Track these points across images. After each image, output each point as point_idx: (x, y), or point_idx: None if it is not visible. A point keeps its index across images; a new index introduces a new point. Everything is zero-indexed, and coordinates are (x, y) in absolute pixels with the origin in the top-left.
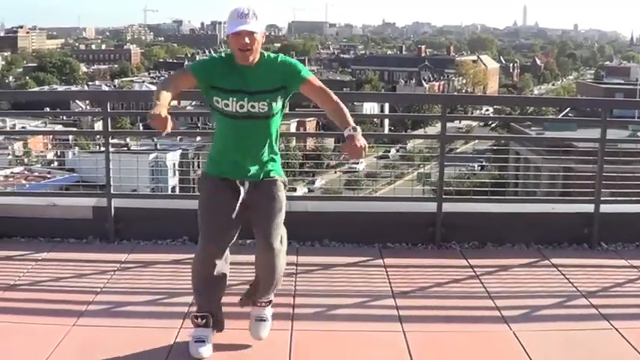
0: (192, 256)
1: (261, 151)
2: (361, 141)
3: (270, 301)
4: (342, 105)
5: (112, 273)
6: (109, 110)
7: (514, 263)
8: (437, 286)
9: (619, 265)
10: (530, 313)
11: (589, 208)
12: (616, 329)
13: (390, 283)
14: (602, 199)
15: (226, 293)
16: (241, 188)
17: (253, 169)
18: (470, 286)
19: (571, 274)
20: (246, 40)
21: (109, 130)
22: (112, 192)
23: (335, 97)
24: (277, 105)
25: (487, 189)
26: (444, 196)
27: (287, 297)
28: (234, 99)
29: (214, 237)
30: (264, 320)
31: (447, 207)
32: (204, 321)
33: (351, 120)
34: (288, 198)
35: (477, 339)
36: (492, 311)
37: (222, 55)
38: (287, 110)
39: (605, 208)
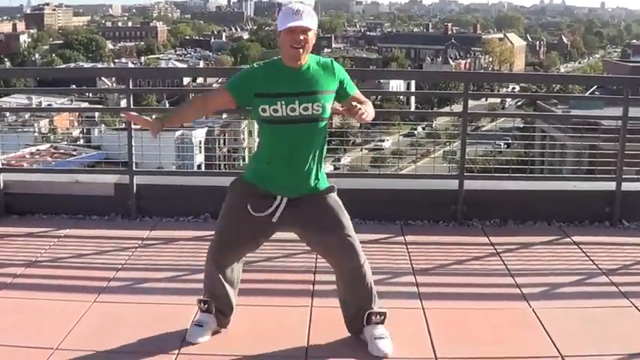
0: (213, 232)
1: (312, 163)
2: (363, 108)
3: (384, 317)
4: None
5: (134, 250)
6: (131, 87)
7: (535, 241)
8: (457, 264)
9: None
10: (550, 290)
11: (611, 186)
12: (636, 307)
13: (410, 260)
14: (623, 177)
15: (247, 270)
16: (278, 206)
17: (298, 185)
18: (490, 264)
19: (592, 251)
20: (301, 36)
21: (132, 107)
22: (134, 169)
23: (368, 102)
24: (329, 107)
25: (511, 167)
26: (465, 174)
27: (307, 274)
28: (284, 102)
29: (227, 251)
30: (384, 338)
31: (469, 184)
32: (205, 306)
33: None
34: None
35: (496, 316)
36: (512, 288)
37: (261, 63)
38: None
39: (627, 186)
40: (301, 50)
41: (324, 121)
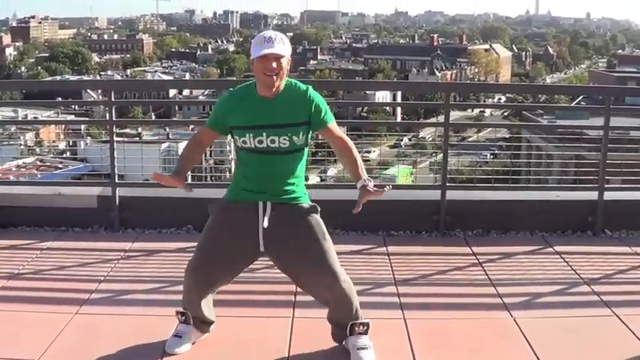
0: (196, 244)
1: (286, 185)
2: (374, 194)
3: (367, 327)
4: (358, 156)
5: (116, 261)
6: (113, 99)
7: (517, 251)
8: (439, 274)
9: (622, 252)
10: (532, 300)
11: (593, 195)
12: (617, 316)
13: (392, 270)
14: (606, 186)
15: (240, 281)
16: (262, 220)
17: (276, 196)
18: (472, 274)
19: (574, 261)
20: (273, 64)
21: (114, 119)
22: (116, 181)
23: (353, 149)
24: (300, 140)
25: (493, 177)
26: (448, 184)
27: (289, 285)
28: (251, 135)
29: (207, 269)
30: (366, 348)
31: (452, 195)
32: (183, 317)
33: (363, 172)
34: None
35: (477, 326)
36: (494, 298)
37: (236, 91)
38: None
39: (609, 195)
40: (275, 77)
41: (295, 152)
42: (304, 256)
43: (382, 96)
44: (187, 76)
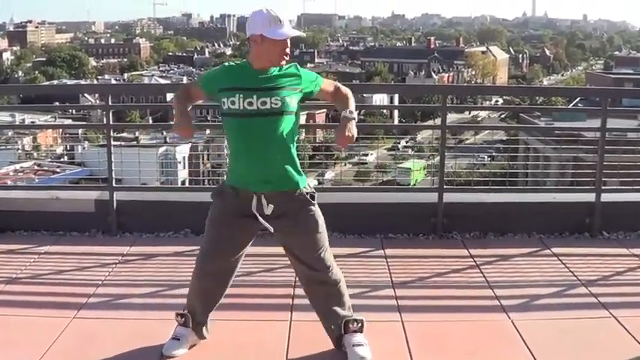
0: (194, 248)
1: (277, 154)
2: (352, 130)
3: (361, 325)
4: (351, 95)
5: (114, 265)
6: (110, 103)
7: (515, 253)
8: (437, 276)
9: (620, 253)
10: (530, 302)
11: (590, 197)
12: (615, 318)
13: (390, 273)
14: (603, 188)
15: (238, 284)
16: (261, 205)
17: (270, 176)
18: (470, 276)
19: (571, 263)
20: (287, 49)
21: (111, 123)
22: (113, 185)
23: (348, 93)
24: (292, 102)
25: (493, 179)
26: (445, 187)
27: (287, 288)
28: (241, 95)
29: (215, 258)
30: (362, 345)
31: (449, 197)
32: (183, 319)
33: (352, 105)
34: None
35: (475, 328)
36: (491, 300)
37: (232, 63)
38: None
39: (606, 197)
40: (287, 57)
41: (286, 115)
42: (301, 247)
43: (379, 99)
44: (185, 80)
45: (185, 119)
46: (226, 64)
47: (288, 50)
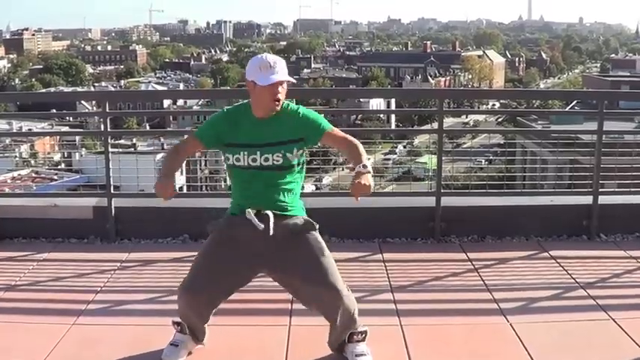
0: (192, 254)
1: (280, 200)
2: (367, 180)
3: (365, 335)
4: (360, 145)
5: (112, 272)
6: (107, 110)
7: (513, 256)
8: (435, 280)
9: (617, 256)
10: (528, 304)
11: (587, 199)
12: (613, 320)
13: (388, 277)
14: (600, 190)
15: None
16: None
17: (270, 207)
18: (468, 280)
19: (569, 265)
20: (279, 89)
21: (108, 130)
22: (112, 192)
23: (358, 144)
24: (293, 157)
25: (491, 182)
26: (443, 191)
27: (286, 293)
28: (246, 153)
29: (208, 289)
30: (365, 355)
31: (447, 201)
32: (179, 327)
33: (364, 158)
34: None
35: (474, 331)
36: (490, 304)
37: (231, 110)
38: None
39: (603, 199)
40: (278, 103)
41: (289, 168)
42: (305, 273)
43: (376, 104)
44: (181, 87)
45: (168, 181)
46: (225, 110)
47: (280, 95)
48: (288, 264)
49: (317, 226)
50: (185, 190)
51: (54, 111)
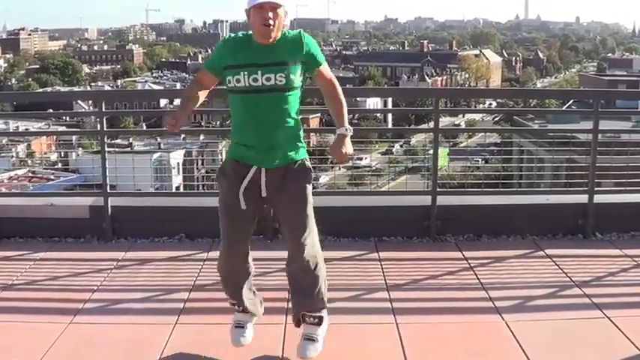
0: (189, 253)
1: (281, 130)
2: (347, 148)
3: (320, 319)
4: (344, 104)
5: (109, 271)
6: (103, 110)
7: (509, 255)
8: (431, 279)
9: (613, 254)
10: (523, 303)
11: (583, 198)
12: (608, 318)
13: (384, 276)
14: (595, 189)
15: (221, 289)
16: (261, 181)
17: (273, 154)
18: (463, 278)
19: (565, 264)
20: (269, 14)
21: (105, 129)
22: (108, 191)
23: (340, 94)
24: (297, 78)
25: (487, 181)
26: (438, 190)
27: (281, 291)
28: (246, 72)
29: (233, 241)
30: (314, 340)
31: (442, 200)
32: (240, 307)
33: (346, 120)
34: None
35: (469, 329)
36: (485, 302)
37: (232, 36)
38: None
39: (599, 198)
40: (272, 27)
41: (291, 90)
42: (289, 220)
43: (373, 103)
44: (178, 86)
45: (181, 111)
46: (226, 37)
47: (269, 15)
48: (279, 207)
49: (311, 170)
50: (182, 190)
51: (50, 111)
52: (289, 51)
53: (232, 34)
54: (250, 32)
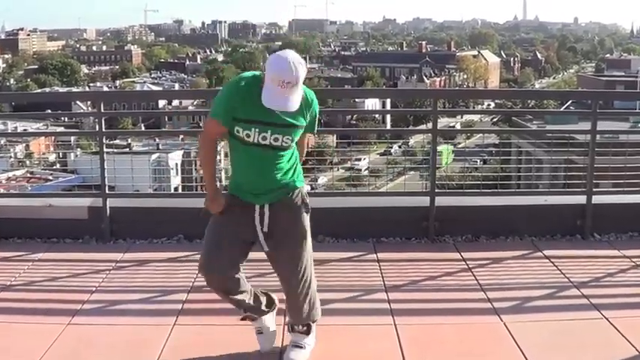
0: (187, 254)
1: (283, 174)
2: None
3: (308, 328)
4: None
5: (107, 272)
6: (102, 111)
7: (507, 255)
8: (429, 280)
9: (611, 255)
10: (522, 304)
11: (581, 199)
12: (606, 319)
13: (382, 277)
14: (594, 190)
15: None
16: (262, 214)
17: (272, 194)
18: (462, 279)
19: (563, 265)
20: (289, 89)
21: (103, 130)
22: (106, 192)
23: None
24: (298, 137)
25: (485, 182)
26: (437, 191)
27: (279, 292)
28: (257, 130)
29: (214, 256)
30: (301, 347)
31: (441, 201)
32: (248, 318)
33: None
34: None
35: (467, 330)
36: (484, 303)
37: (243, 83)
38: None
39: (597, 199)
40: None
41: (292, 149)
42: (284, 254)
43: (372, 104)
44: (176, 87)
45: (219, 195)
46: (237, 81)
47: (289, 92)
48: (276, 243)
49: (309, 210)
50: (180, 190)
51: (49, 111)
52: (299, 114)
53: (243, 76)
54: (259, 75)
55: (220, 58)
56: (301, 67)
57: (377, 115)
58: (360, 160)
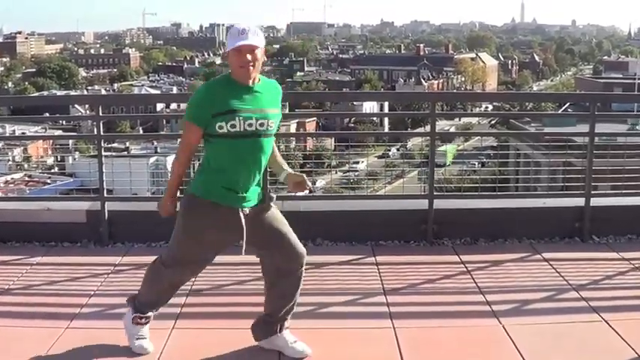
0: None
1: (262, 170)
2: (301, 177)
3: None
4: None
5: (106, 276)
6: (100, 114)
7: (506, 258)
8: (428, 283)
9: (610, 257)
10: (521, 307)
11: (580, 202)
12: (605, 321)
13: (381, 280)
14: (592, 192)
15: (218, 293)
16: (243, 221)
17: (256, 194)
18: (461, 282)
19: (562, 267)
20: (248, 56)
21: (101, 133)
22: (105, 195)
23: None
24: (277, 124)
25: (484, 185)
26: (435, 194)
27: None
28: (241, 118)
29: (195, 270)
30: (298, 341)
31: (439, 204)
32: (146, 320)
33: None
34: (280, 198)
35: (467, 334)
36: (483, 306)
37: (213, 83)
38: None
39: (596, 201)
40: (250, 69)
41: (272, 136)
42: (277, 237)
43: (370, 107)
44: (175, 90)
45: (175, 202)
46: (208, 84)
47: (248, 58)
48: (261, 236)
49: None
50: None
51: (47, 115)
52: (274, 99)
53: (211, 81)
54: (226, 74)
55: (218, 61)
56: (253, 25)
57: (375, 118)
58: (357, 162)
